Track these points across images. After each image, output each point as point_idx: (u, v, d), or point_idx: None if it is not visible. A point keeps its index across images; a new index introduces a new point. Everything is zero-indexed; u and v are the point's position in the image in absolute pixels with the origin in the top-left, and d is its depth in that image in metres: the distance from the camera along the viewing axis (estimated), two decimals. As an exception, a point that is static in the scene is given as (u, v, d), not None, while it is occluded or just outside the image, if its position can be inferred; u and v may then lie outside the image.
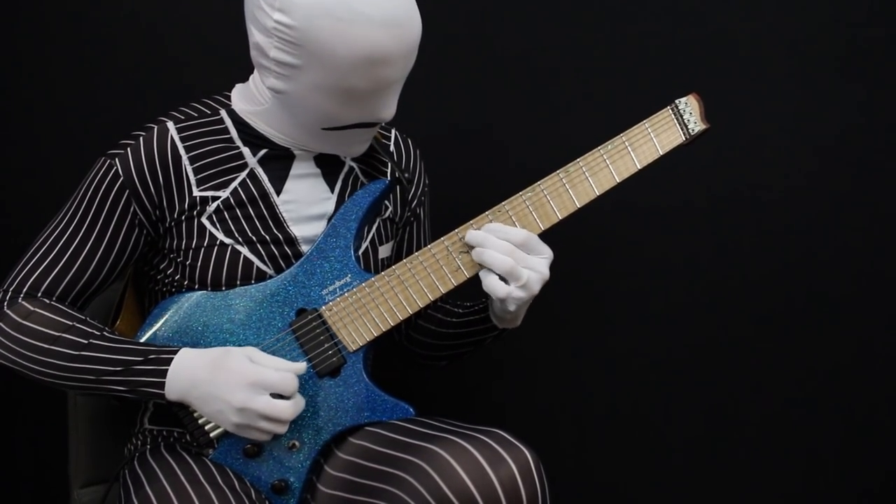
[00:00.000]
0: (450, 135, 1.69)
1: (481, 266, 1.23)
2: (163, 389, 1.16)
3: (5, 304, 1.21)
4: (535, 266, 1.21)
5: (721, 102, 1.60)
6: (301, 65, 1.14)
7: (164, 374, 1.16)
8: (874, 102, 1.62)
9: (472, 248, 1.22)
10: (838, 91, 1.62)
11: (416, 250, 1.42)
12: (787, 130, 1.64)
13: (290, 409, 1.15)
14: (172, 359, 1.16)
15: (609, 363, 1.72)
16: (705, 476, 1.73)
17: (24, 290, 1.22)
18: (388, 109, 1.22)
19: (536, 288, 1.21)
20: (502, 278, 1.20)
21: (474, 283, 1.25)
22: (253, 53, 1.21)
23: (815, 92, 1.63)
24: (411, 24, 1.15)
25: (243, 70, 1.31)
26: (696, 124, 1.25)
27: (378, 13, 1.11)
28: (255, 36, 1.18)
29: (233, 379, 1.14)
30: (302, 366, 1.17)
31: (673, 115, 1.25)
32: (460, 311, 1.38)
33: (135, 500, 1.14)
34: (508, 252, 1.19)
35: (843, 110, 1.63)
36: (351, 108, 1.19)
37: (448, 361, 1.43)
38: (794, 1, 1.61)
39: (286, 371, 1.16)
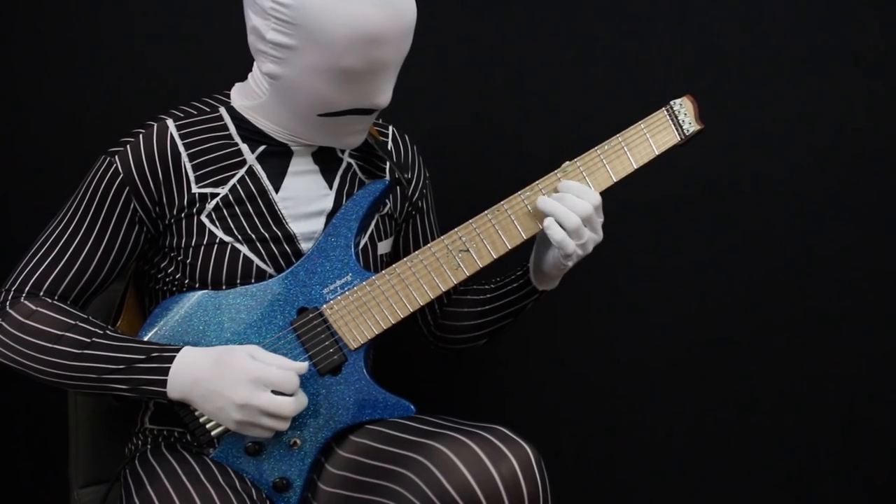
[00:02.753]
0: (450, 135, 1.70)
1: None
2: (164, 388, 1.16)
3: (7, 303, 1.21)
4: (598, 228, 1.26)
5: (719, 103, 1.62)
6: (297, 46, 1.15)
7: (166, 371, 1.16)
8: (873, 102, 1.64)
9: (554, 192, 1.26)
10: (837, 92, 1.64)
11: (422, 240, 1.44)
12: (786, 131, 1.66)
13: (292, 404, 1.15)
14: (175, 357, 1.17)
15: (609, 361, 1.73)
16: (705, 474, 1.74)
17: (27, 289, 1.22)
18: (384, 95, 1.23)
19: (590, 248, 1.26)
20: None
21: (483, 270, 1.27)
22: (250, 39, 1.21)
23: (814, 93, 1.64)
24: (406, 4, 1.17)
25: (242, 70, 1.32)
26: (691, 125, 1.27)
27: None
28: (253, 19, 1.19)
29: (235, 376, 1.14)
30: (304, 365, 1.18)
31: (668, 116, 1.27)
32: (492, 285, 1.40)
33: (136, 500, 1.14)
34: (586, 213, 1.23)
35: (842, 110, 1.64)
36: (346, 92, 1.19)
37: (488, 338, 1.43)
38: (791, 2, 1.63)
39: (288, 369, 1.16)
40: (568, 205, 1.23)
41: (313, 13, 1.12)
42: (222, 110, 1.29)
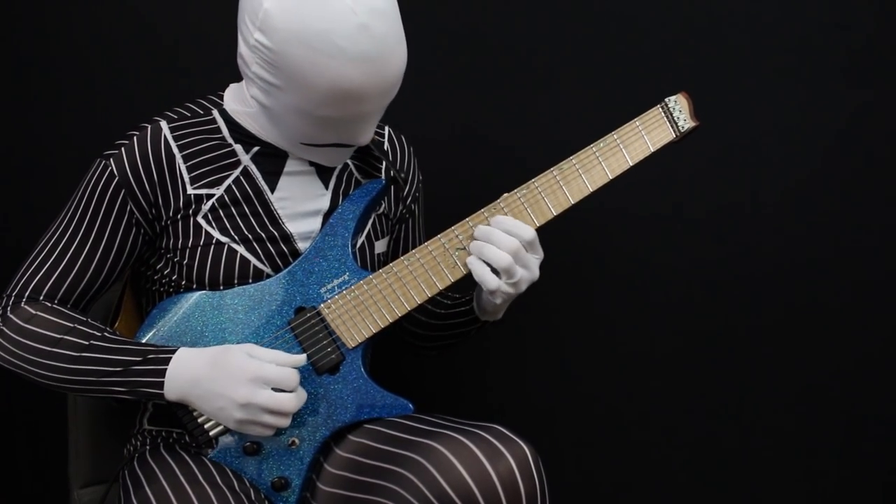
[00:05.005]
0: (445, 134, 1.70)
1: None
2: (162, 389, 1.16)
3: (8, 308, 1.22)
4: (530, 266, 1.23)
5: (717, 105, 1.62)
6: (279, 85, 1.16)
7: (162, 373, 1.16)
8: (873, 104, 1.63)
9: (474, 239, 1.24)
10: (836, 93, 1.63)
11: (412, 246, 1.44)
12: (785, 133, 1.65)
13: (293, 401, 1.16)
14: (171, 358, 1.17)
15: (607, 360, 1.73)
16: (703, 472, 1.74)
17: (27, 294, 1.23)
18: (364, 136, 1.24)
19: (524, 287, 1.24)
20: (494, 270, 1.22)
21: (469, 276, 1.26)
22: (239, 62, 1.22)
23: (813, 93, 1.64)
24: (390, 62, 1.14)
25: (238, 71, 1.32)
26: (686, 122, 1.27)
27: (354, 49, 1.11)
28: (241, 47, 1.19)
29: (234, 375, 1.15)
30: (301, 357, 1.18)
31: (663, 113, 1.27)
32: (448, 302, 1.40)
33: (134, 501, 1.15)
34: (513, 250, 1.21)
35: (842, 112, 1.64)
36: (327, 132, 1.21)
37: (437, 351, 1.46)
38: (790, 1, 1.63)
39: (286, 365, 1.17)
40: (495, 242, 1.21)
41: (294, 61, 1.12)
42: (215, 113, 1.29)
